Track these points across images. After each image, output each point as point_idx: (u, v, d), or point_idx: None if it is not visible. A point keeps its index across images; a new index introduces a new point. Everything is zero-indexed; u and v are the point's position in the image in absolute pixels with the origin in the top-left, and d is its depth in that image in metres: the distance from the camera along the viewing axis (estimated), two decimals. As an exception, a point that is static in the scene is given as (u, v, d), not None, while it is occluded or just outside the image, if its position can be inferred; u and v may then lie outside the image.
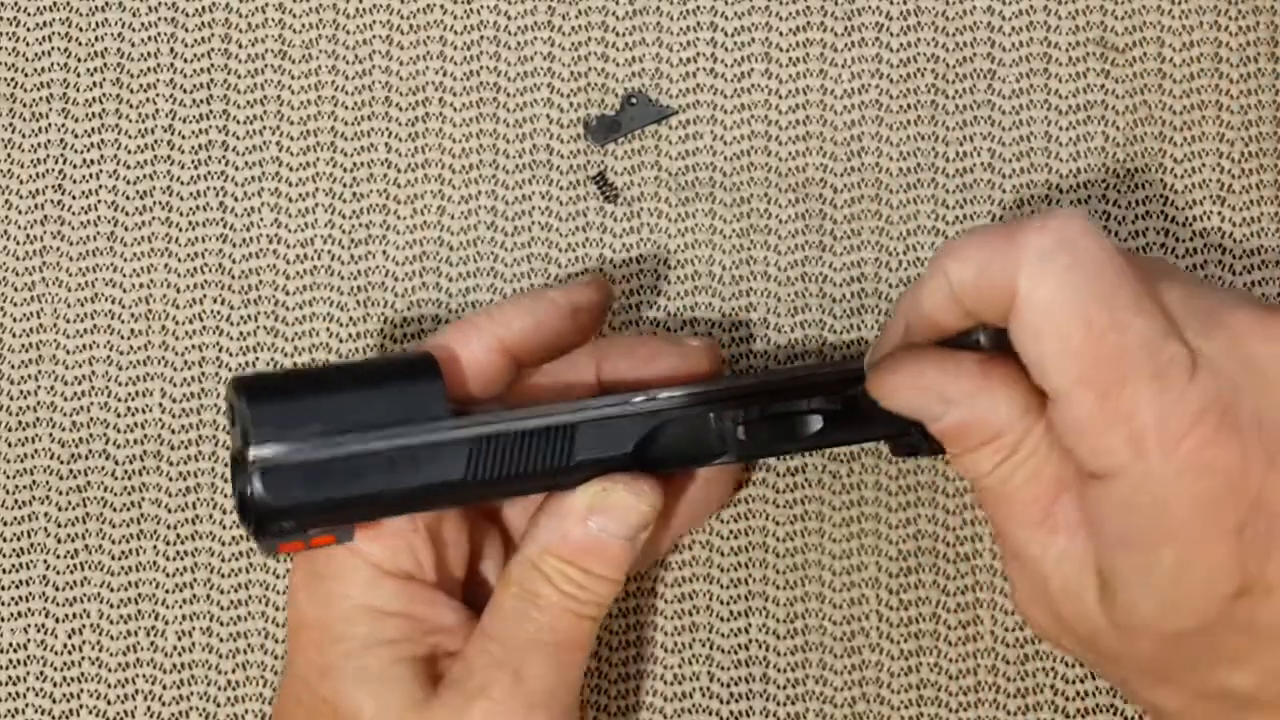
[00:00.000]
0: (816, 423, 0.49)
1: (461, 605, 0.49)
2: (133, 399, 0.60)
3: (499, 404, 0.48)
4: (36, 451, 0.60)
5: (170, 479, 0.59)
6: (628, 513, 0.47)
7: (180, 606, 0.59)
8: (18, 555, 0.60)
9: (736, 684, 0.57)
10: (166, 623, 0.59)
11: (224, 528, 0.59)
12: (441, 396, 0.46)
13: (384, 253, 0.60)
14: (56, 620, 0.59)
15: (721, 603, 0.57)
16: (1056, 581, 0.42)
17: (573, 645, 0.47)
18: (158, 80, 0.62)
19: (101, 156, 0.61)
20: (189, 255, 0.60)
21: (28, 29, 0.62)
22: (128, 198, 0.61)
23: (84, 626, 0.59)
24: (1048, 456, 0.42)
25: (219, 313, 0.60)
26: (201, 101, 0.61)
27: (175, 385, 0.60)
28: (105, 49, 0.62)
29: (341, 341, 0.59)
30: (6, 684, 0.59)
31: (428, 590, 0.48)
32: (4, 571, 0.60)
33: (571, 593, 0.47)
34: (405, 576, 0.47)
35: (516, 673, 0.46)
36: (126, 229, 0.61)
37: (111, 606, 0.59)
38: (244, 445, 0.44)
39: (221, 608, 0.59)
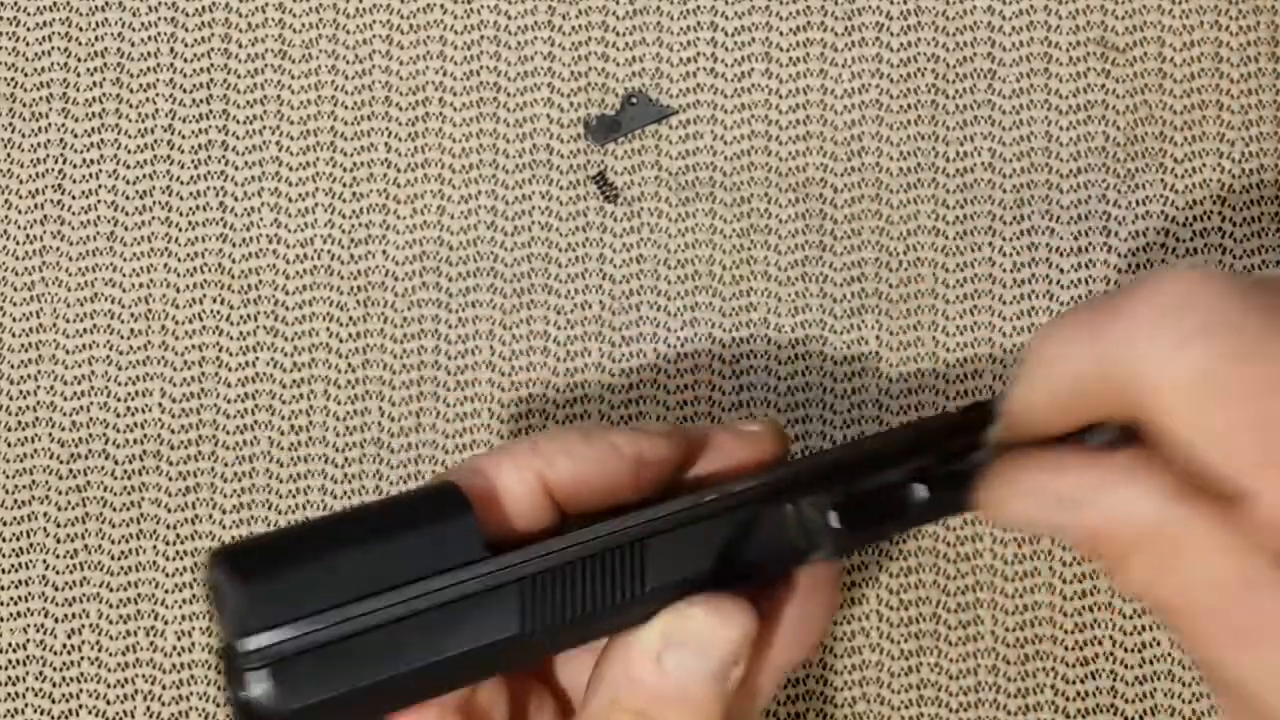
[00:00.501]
0: (921, 491, 0.40)
1: None
2: (132, 399, 0.60)
3: (542, 535, 0.38)
4: (36, 451, 0.60)
5: (170, 479, 0.59)
6: (711, 642, 0.36)
7: (180, 606, 0.59)
8: (17, 555, 0.60)
9: (737, 683, 0.56)
10: (166, 623, 0.59)
11: (223, 528, 0.59)
12: (476, 533, 0.36)
13: (384, 252, 0.60)
14: (56, 620, 0.59)
15: None
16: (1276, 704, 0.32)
17: None
18: (158, 80, 0.62)
19: (101, 156, 0.61)
20: (189, 255, 0.61)
21: (28, 29, 0.62)
22: (127, 197, 0.61)
23: (83, 626, 0.59)
24: (1228, 551, 0.32)
25: (219, 312, 0.60)
26: (201, 101, 0.61)
27: (175, 385, 0.60)
28: (105, 49, 0.62)
29: (342, 341, 0.59)
30: (5, 684, 0.59)
31: None
32: (3, 571, 0.60)
33: None
34: None
35: None
36: (126, 229, 0.61)
37: (111, 606, 0.59)
38: (236, 637, 0.34)
39: None
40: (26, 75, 0.62)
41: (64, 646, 0.59)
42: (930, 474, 0.40)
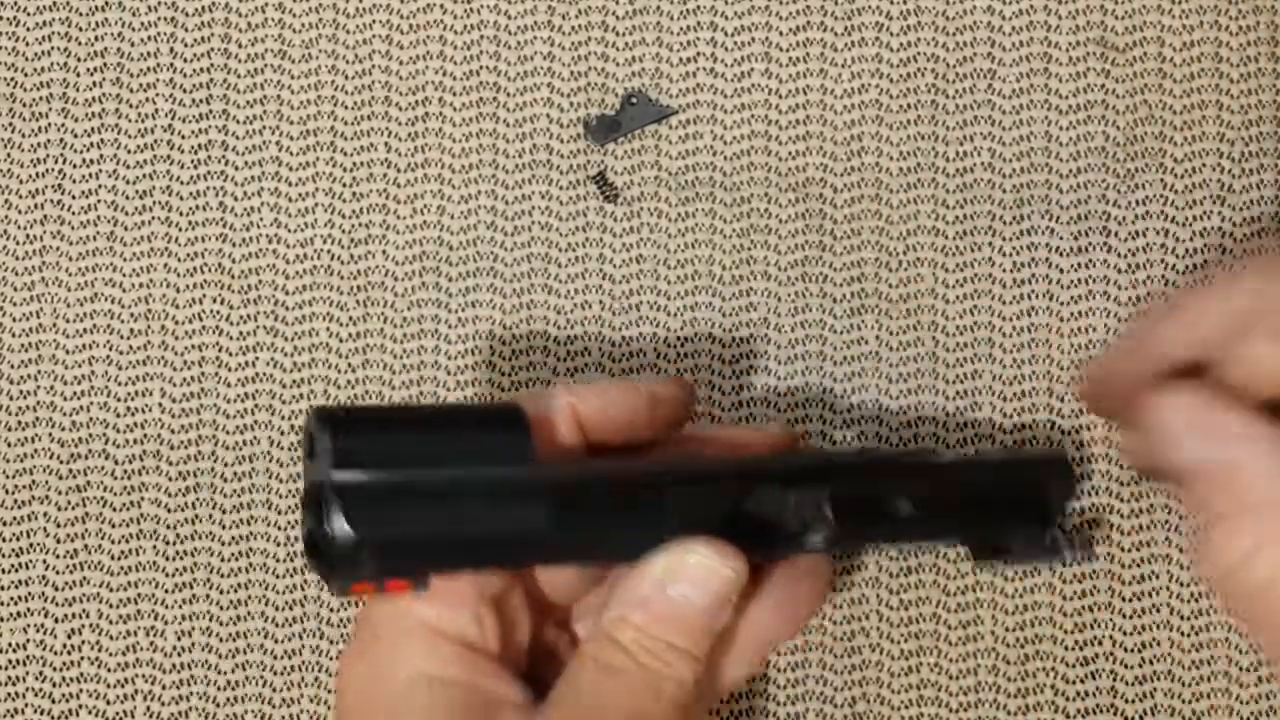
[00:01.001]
0: (907, 507, 0.47)
1: (525, 684, 0.44)
2: (132, 399, 0.60)
3: (586, 460, 0.46)
4: (36, 451, 0.60)
5: (170, 479, 0.60)
6: (710, 578, 0.42)
7: (180, 607, 0.59)
8: (17, 555, 0.60)
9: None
10: (166, 623, 0.59)
11: (223, 528, 0.60)
12: (528, 446, 0.42)
13: (384, 252, 0.60)
14: (56, 620, 0.60)
15: None
16: None
17: None
18: (158, 80, 0.62)
19: (101, 156, 0.62)
20: (189, 255, 0.61)
21: (27, 29, 0.62)
22: (127, 197, 0.61)
23: (83, 626, 0.59)
24: None
25: (219, 312, 0.60)
26: (201, 101, 0.62)
27: (175, 385, 0.60)
28: (105, 49, 0.62)
29: (342, 341, 0.59)
30: (5, 684, 0.59)
31: (490, 663, 0.43)
32: (3, 572, 0.60)
33: (650, 665, 0.42)
34: (467, 645, 0.43)
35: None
36: (126, 229, 0.61)
37: (111, 606, 0.59)
38: (327, 472, 0.40)
39: (221, 608, 0.59)
40: (26, 75, 0.62)
41: (64, 646, 0.60)
42: (931, 499, 0.47)
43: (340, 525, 0.40)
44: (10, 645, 0.60)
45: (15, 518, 0.60)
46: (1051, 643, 0.57)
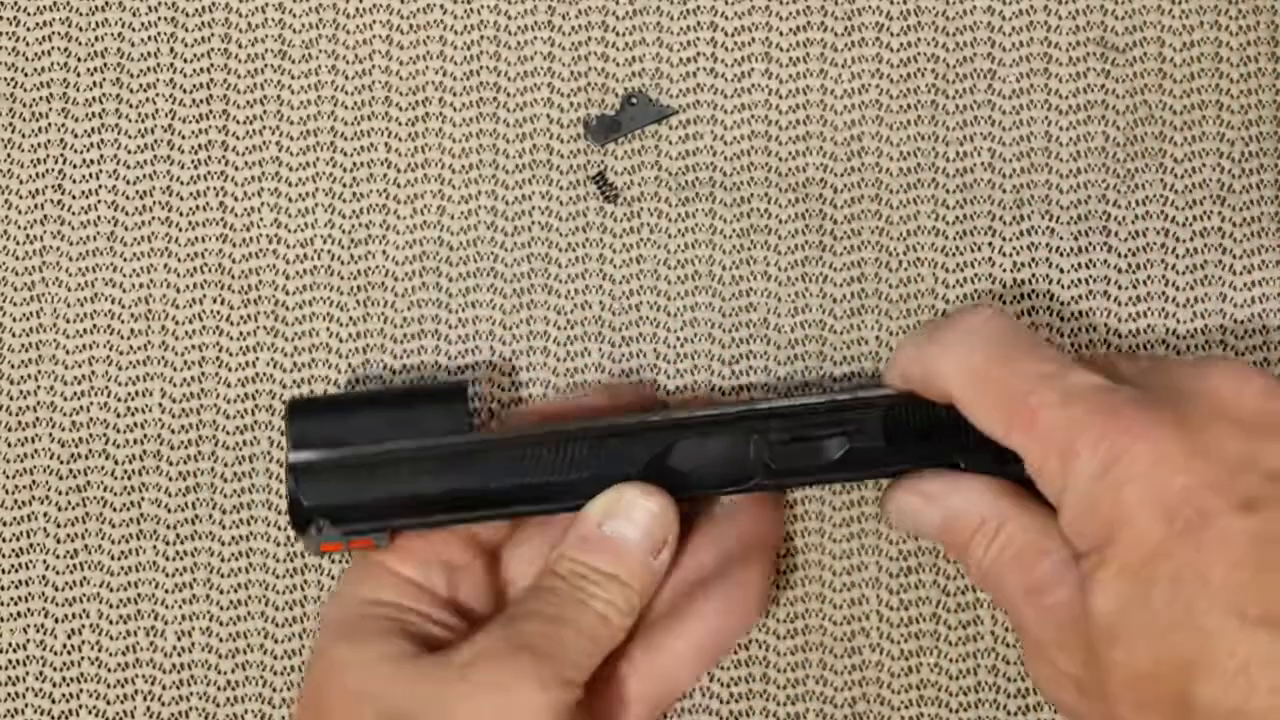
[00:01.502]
0: (841, 446, 0.51)
1: (464, 620, 0.52)
2: (132, 399, 0.60)
3: (524, 423, 0.54)
4: (36, 451, 0.60)
5: (170, 479, 0.60)
6: (635, 510, 0.49)
7: (180, 607, 0.60)
8: (17, 555, 0.60)
9: (736, 684, 0.58)
10: (166, 623, 0.60)
11: (223, 528, 0.60)
12: (465, 416, 0.51)
13: (384, 253, 0.60)
14: (56, 620, 0.60)
15: None
16: (1049, 635, 0.46)
17: (578, 627, 0.48)
18: (158, 80, 0.62)
19: (101, 156, 0.62)
20: (189, 255, 0.61)
21: (28, 29, 0.62)
22: (127, 198, 0.62)
23: (83, 627, 0.60)
24: (1026, 530, 0.47)
25: (219, 313, 0.61)
26: (201, 101, 0.62)
27: (175, 385, 0.60)
28: (105, 49, 0.62)
29: (342, 341, 0.59)
30: (5, 684, 0.59)
31: (432, 597, 0.51)
32: (3, 572, 0.60)
33: (581, 585, 0.49)
34: (413, 583, 0.52)
35: (511, 619, 0.48)
36: (126, 229, 0.61)
37: (111, 607, 0.60)
38: (289, 452, 0.52)
39: (221, 608, 0.59)
40: (26, 75, 0.63)
41: (64, 647, 0.60)
42: (863, 433, 0.51)
43: (295, 493, 0.51)
44: (10, 645, 0.60)
45: (15, 518, 0.60)
46: None
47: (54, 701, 0.60)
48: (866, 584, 0.58)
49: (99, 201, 0.62)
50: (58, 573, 0.60)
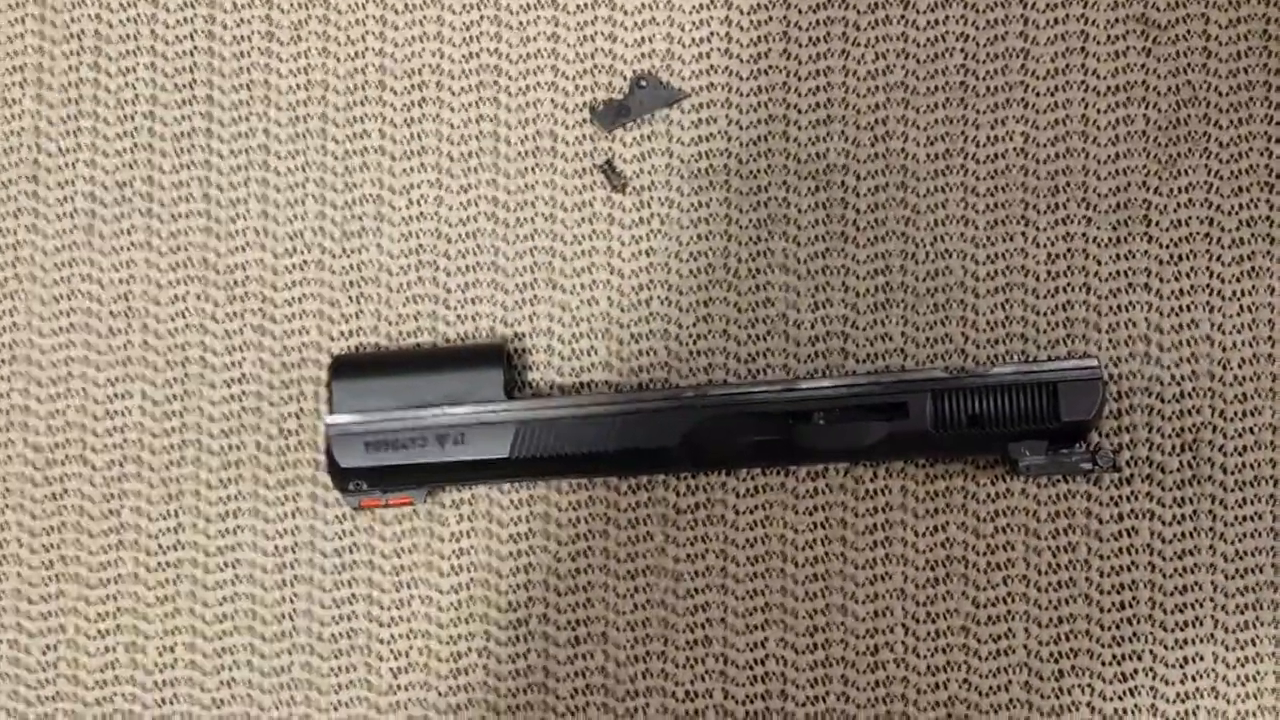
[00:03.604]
0: (883, 429, 0.54)
1: None
2: (111, 401, 0.60)
3: (557, 392, 0.58)
4: (10, 457, 0.60)
5: (152, 485, 0.60)
6: None
7: (163, 620, 0.59)
8: (-11, 567, 0.60)
9: (753, 701, 0.57)
10: (148, 638, 0.59)
11: (208, 537, 0.60)
12: (500, 382, 0.56)
13: (378, 245, 0.60)
14: (30, 635, 0.60)
15: (737, 615, 0.57)
16: None
17: None
18: (137, 64, 0.62)
19: (78, 145, 0.62)
20: (171, 249, 0.61)
21: (0, 10, 0.62)
22: (106, 188, 0.61)
23: (60, 642, 0.60)
24: None
25: (203, 310, 0.61)
26: (184, 86, 0.62)
27: (157, 387, 0.60)
28: (82, 30, 0.62)
29: (333, 340, 0.59)
30: (-23, 704, 0.59)
31: None
32: (-25, 585, 0.60)
33: None
34: None
35: None
36: (105, 221, 0.61)
37: (89, 621, 0.60)
38: (327, 415, 0.57)
39: (206, 622, 0.59)
40: (-1, 59, 0.63)
41: (39, 664, 0.60)
42: (900, 419, 0.54)
43: (335, 459, 0.55)
44: (-18, 663, 0.60)
45: (-12, 527, 0.61)
46: (1088, 657, 0.57)
47: (28, 722, 0.60)
48: (892, 595, 0.57)
49: (75, 192, 0.62)
50: (32, 585, 0.60)
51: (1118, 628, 0.57)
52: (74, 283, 0.61)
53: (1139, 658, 0.57)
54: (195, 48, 0.62)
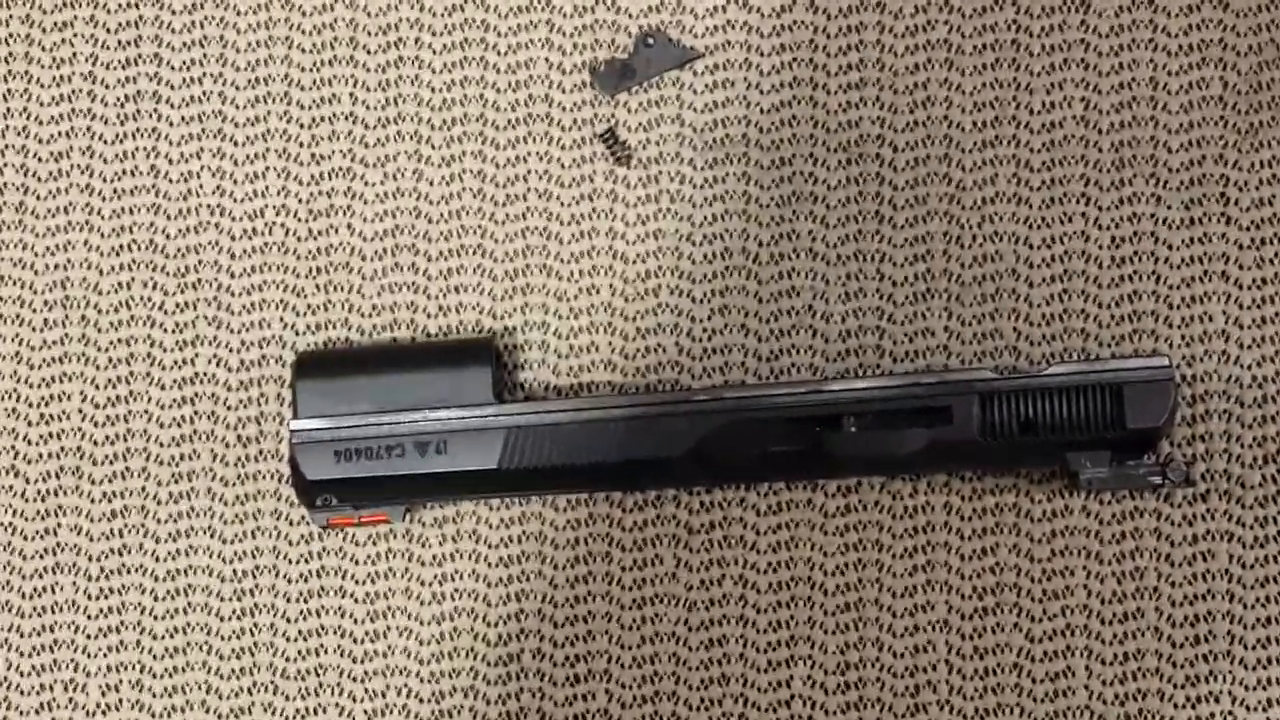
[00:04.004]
0: (923, 437, 0.52)
1: None
2: (46, 404, 0.58)
3: (552, 394, 0.56)
4: (-69, 468, 0.58)
5: (92, 500, 0.58)
6: None
7: (105, 655, 0.57)
8: (-91, 593, 0.58)
9: (777, 750, 0.56)
10: (89, 675, 0.57)
11: (156, 559, 0.57)
12: (488, 383, 0.53)
13: (349, 226, 0.59)
14: (-44, 671, 0.57)
15: (759, 649, 0.55)
16: None
17: None
18: (75, 18, 0.60)
19: (9, 110, 0.60)
20: (114, 230, 0.59)
21: (-82, -43, 0.60)
22: (40, 159, 0.60)
23: (-11, 679, 0.57)
24: None
25: (150, 299, 0.59)
26: (128, 43, 0.60)
27: (98, 387, 0.58)
28: (11, -20, 0.60)
29: (299, 334, 0.58)
30: (-103, 748, 0.57)
31: None
32: (-107, 612, 0.58)
33: None
34: None
35: None
36: (39, 198, 0.59)
37: (22, 655, 0.57)
38: (292, 419, 0.54)
39: (155, 656, 0.57)
40: (-83, 12, 0.61)
41: (-34, 703, 0.58)
42: (942, 425, 0.52)
43: (300, 470, 0.53)
44: (-98, 701, 0.58)
45: (-94, 548, 0.58)
46: (1159, 699, 0.55)
47: (-45, 769, 0.57)
48: (934, 627, 0.55)
49: (5, 165, 0.60)
50: (-43, 615, 0.58)
51: (1192, 665, 0.55)
52: (2, 269, 0.59)
53: (1216, 699, 0.55)
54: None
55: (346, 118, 0.59)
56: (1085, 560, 0.56)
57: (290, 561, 0.57)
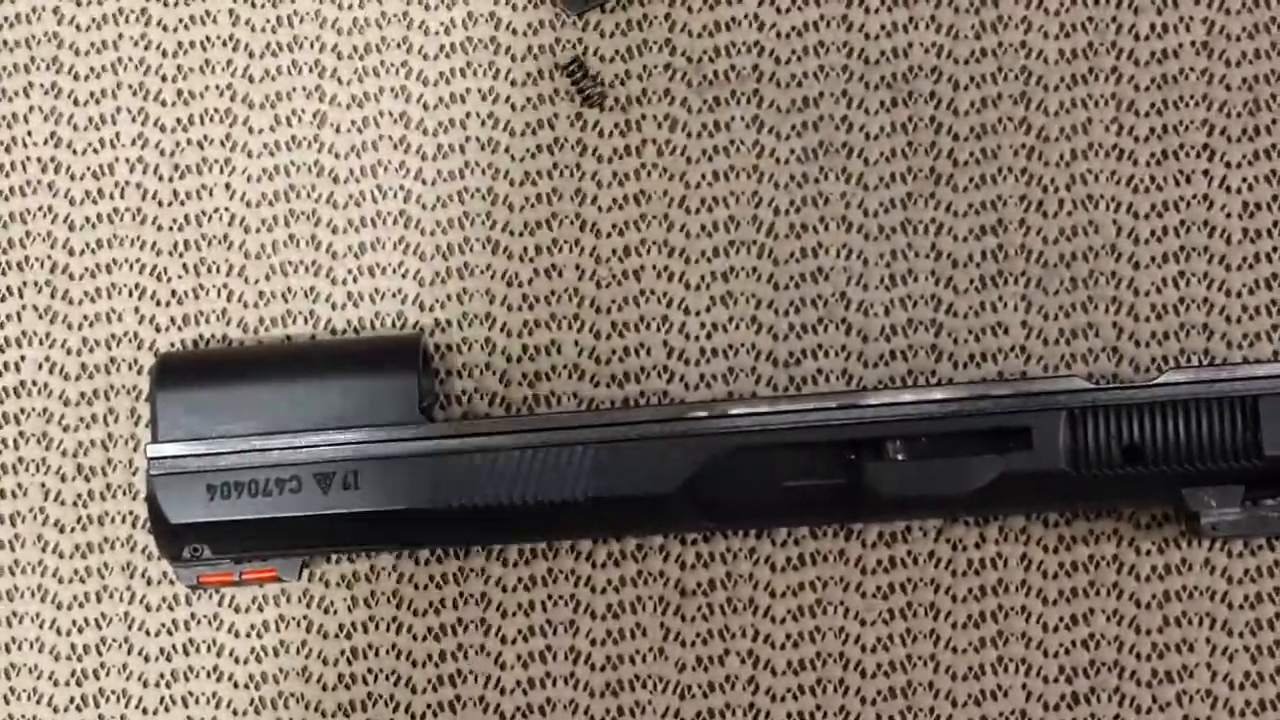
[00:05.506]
0: (993, 467, 0.48)
1: None
2: None
3: (498, 410, 0.51)
4: None
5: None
6: None
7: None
8: None
9: None
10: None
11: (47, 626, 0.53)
12: (412, 395, 0.48)
13: (227, 185, 0.56)
14: None
15: None
16: None
17: None
18: None
19: None
20: None
21: None
22: None
23: None
24: None
25: None
26: None
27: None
28: None
29: (160, 330, 0.54)
30: None
31: None
32: None
33: None
34: None
35: None
36: None
37: None
38: (151, 441, 0.47)
39: None
40: None
41: None
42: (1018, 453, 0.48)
43: (161, 510, 0.46)
44: None
45: None
46: None
47: None
48: (1008, 716, 0.51)
49: None
50: None
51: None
52: None
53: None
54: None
55: (225, 43, 0.54)
56: (1210, 630, 0.54)
57: (148, 634, 0.55)
